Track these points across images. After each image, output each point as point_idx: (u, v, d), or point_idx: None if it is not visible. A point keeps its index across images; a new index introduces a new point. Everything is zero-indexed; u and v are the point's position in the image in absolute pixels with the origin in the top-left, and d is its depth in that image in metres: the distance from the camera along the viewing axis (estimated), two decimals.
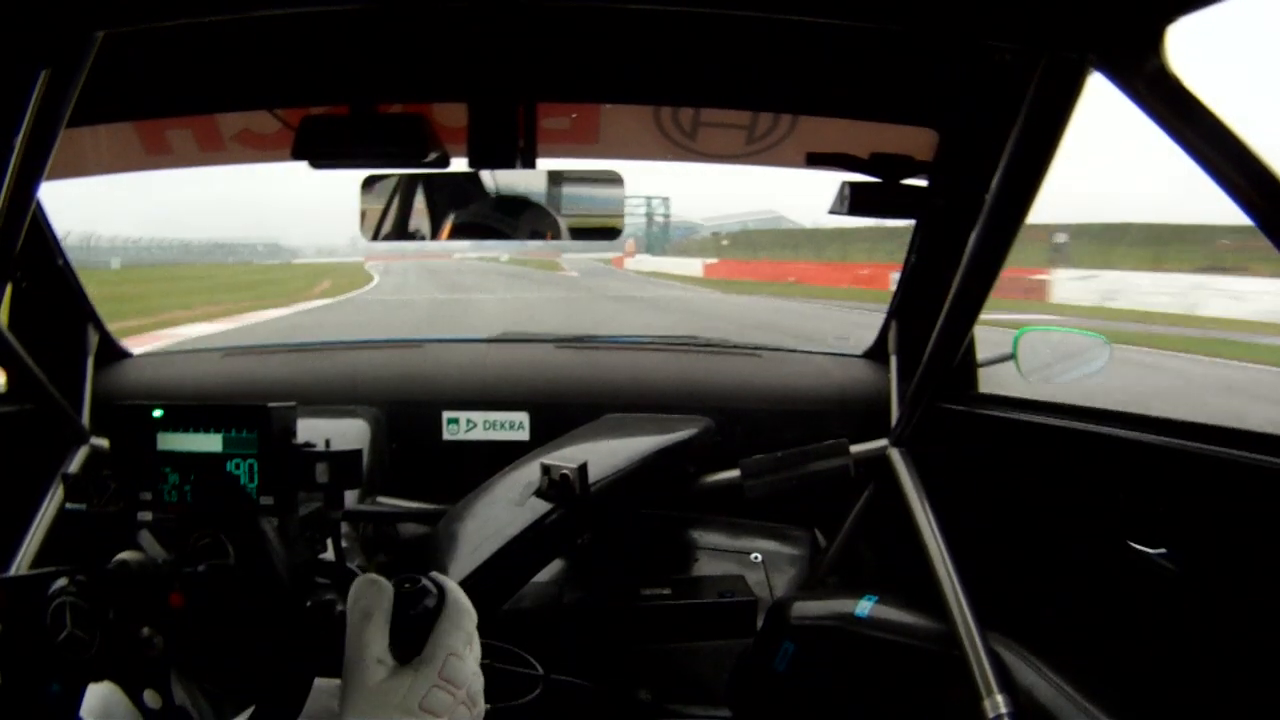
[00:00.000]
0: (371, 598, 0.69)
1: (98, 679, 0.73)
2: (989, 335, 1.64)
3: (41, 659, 0.71)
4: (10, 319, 1.70)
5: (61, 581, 0.71)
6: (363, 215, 1.53)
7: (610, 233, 1.51)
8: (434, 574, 0.73)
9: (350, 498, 0.93)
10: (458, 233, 1.54)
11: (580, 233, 1.51)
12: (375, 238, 1.55)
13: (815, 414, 1.85)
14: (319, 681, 0.72)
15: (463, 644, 0.70)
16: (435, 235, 1.53)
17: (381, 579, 0.70)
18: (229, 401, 0.77)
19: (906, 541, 1.47)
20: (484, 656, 0.99)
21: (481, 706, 0.71)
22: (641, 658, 1.58)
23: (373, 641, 0.67)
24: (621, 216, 1.50)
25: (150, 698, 0.71)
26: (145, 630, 0.70)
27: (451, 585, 0.73)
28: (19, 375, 1.52)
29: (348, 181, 1.52)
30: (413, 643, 0.68)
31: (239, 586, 0.70)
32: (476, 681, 0.71)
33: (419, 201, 1.54)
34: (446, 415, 1.84)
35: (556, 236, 1.52)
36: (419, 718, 0.65)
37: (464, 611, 0.72)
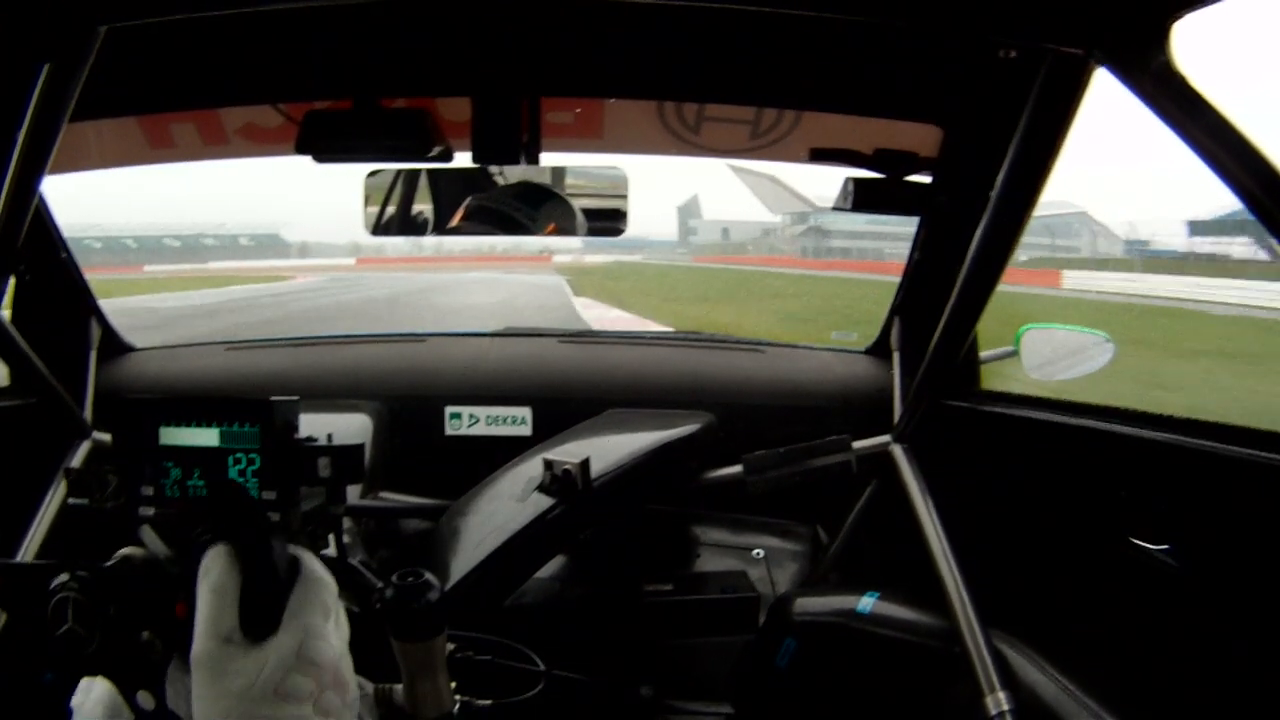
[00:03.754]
0: (221, 570, 0.62)
1: (92, 673, 0.73)
2: None
3: (39, 650, 0.71)
4: (13, 312, 1.70)
5: (64, 576, 0.71)
6: (365, 208, 1.54)
7: (615, 228, 1.51)
8: (291, 546, 0.68)
9: (352, 493, 0.93)
10: (469, 222, 1.53)
11: (592, 227, 1.51)
12: (376, 231, 1.56)
13: (818, 410, 1.85)
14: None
15: (321, 619, 0.63)
16: (443, 225, 1.52)
17: (231, 548, 0.64)
18: (232, 395, 0.77)
19: (909, 538, 1.47)
20: (485, 652, 1.00)
21: (354, 690, 0.64)
22: (643, 653, 1.58)
23: (221, 618, 0.61)
24: (625, 203, 1.50)
25: (144, 698, 0.71)
26: (145, 634, 0.70)
27: (307, 555, 0.67)
28: (21, 369, 1.52)
29: None
30: (267, 619, 0.63)
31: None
32: (345, 663, 0.63)
33: (423, 195, 1.54)
34: (449, 410, 1.85)
35: (570, 228, 1.51)
36: (276, 706, 0.58)
37: (319, 582, 0.65)
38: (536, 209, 1.51)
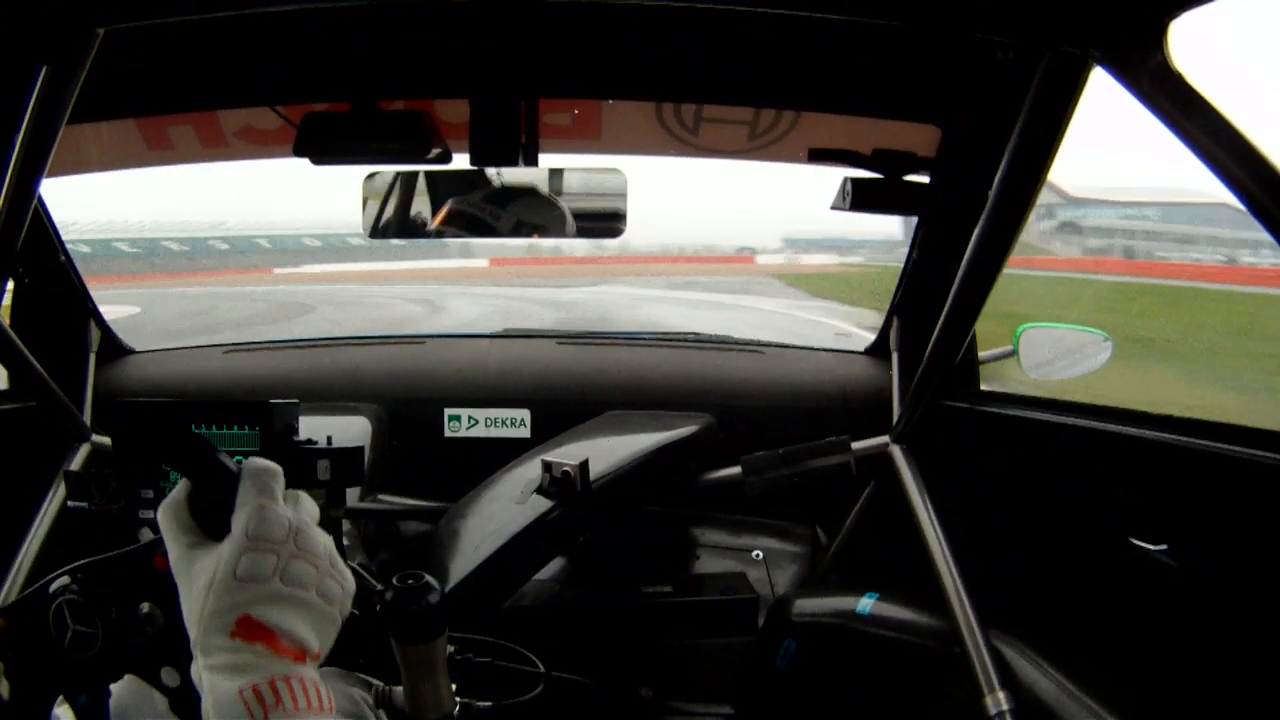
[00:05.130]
0: (171, 492, 0.63)
1: (117, 678, 0.73)
2: None
3: (57, 673, 0.71)
4: (12, 316, 1.70)
5: (63, 580, 0.71)
6: (364, 210, 1.54)
7: (613, 229, 1.51)
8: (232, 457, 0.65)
9: (352, 495, 0.93)
10: (451, 224, 1.54)
11: (585, 229, 1.51)
12: (374, 234, 1.56)
13: (817, 411, 1.85)
14: None
15: (268, 500, 0.61)
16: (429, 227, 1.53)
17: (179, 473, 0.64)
18: (231, 398, 0.77)
19: (908, 539, 1.47)
20: (485, 654, 1.00)
21: (326, 559, 0.62)
22: (643, 655, 1.59)
23: (179, 528, 0.61)
24: (624, 205, 1.50)
25: (168, 675, 0.71)
26: (145, 606, 0.70)
27: (253, 457, 0.66)
28: (21, 372, 1.52)
29: None
30: (220, 519, 0.61)
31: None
32: (307, 532, 0.61)
33: (420, 198, 1.54)
34: (448, 412, 1.85)
35: (560, 232, 1.51)
36: (241, 590, 0.57)
37: (263, 470, 0.63)
38: (517, 210, 1.51)
